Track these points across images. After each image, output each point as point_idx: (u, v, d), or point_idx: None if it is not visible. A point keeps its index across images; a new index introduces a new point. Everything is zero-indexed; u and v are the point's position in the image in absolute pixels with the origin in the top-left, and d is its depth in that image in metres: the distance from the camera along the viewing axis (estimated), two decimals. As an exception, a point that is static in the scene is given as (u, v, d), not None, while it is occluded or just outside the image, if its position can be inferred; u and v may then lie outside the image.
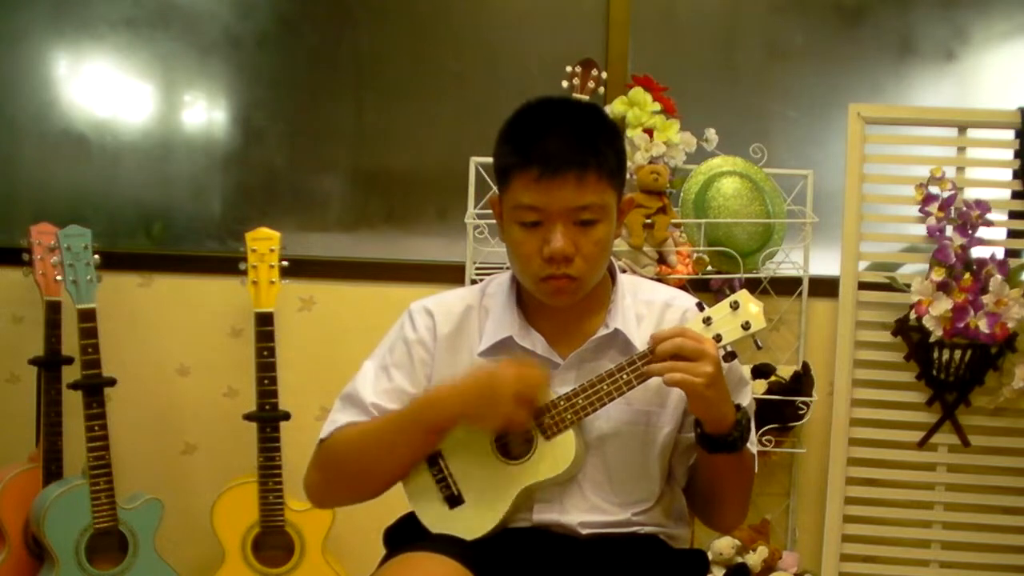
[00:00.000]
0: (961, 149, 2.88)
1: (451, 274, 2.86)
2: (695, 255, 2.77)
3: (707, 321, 1.60)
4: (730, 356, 1.60)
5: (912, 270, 2.87)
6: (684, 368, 1.54)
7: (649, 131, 2.80)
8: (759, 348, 1.64)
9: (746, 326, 1.59)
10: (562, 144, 1.58)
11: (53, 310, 2.85)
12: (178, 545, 2.91)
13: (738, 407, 1.62)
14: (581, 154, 1.58)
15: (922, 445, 2.86)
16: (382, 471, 1.71)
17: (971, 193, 2.82)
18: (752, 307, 1.60)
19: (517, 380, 1.59)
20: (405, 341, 1.75)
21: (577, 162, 1.58)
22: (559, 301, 1.67)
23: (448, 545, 1.63)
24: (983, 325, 2.66)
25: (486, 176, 2.78)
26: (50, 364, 2.85)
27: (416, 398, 1.70)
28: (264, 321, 2.76)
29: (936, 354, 2.76)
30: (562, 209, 1.59)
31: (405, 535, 1.73)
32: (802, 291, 2.89)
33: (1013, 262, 2.76)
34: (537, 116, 1.65)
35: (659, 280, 2.52)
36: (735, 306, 1.60)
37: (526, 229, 1.62)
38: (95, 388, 2.73)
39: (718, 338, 1.58)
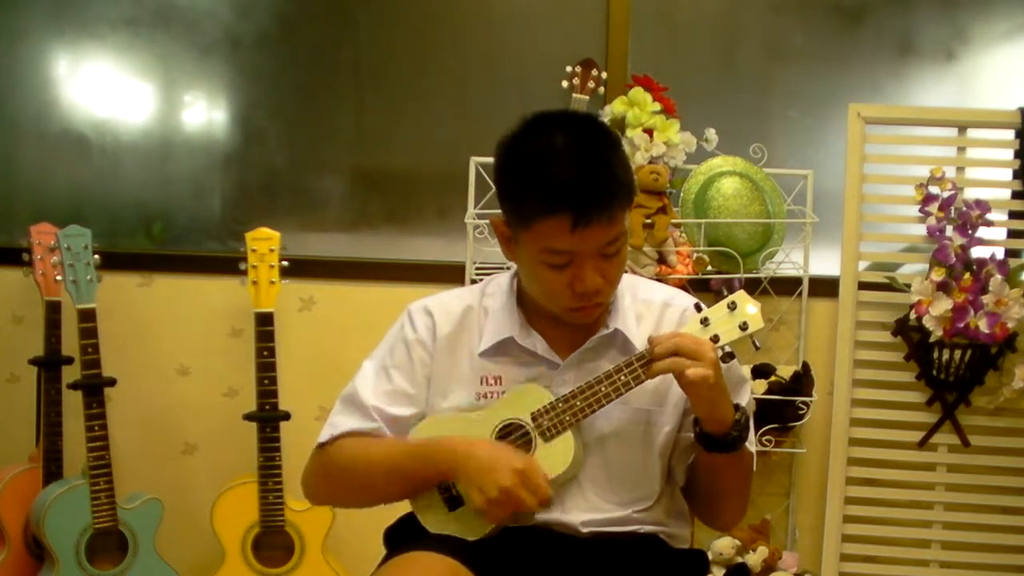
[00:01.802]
0: (961, 149, 2.87)
1: (451, 274, 2.86)
2: (695, 255, 2.77)
3: (704, 322, 1.60)
4: (728, 356, 1.61)
5: (912, 270, 2.87)
6: (685, 364, 1.54)
7: (649, 131, 2.79)
8: (757, 349, 1.65)
9: (743, 326, 1.59)
10: (592, 189, 1.54)
11: (53, 310, 2.85)
12: (178, 545, 2.91)
13: (737, 407, 1.63)
14: (610, 195, 1.56)
15: (922, 445, 2.85)
16: (384, 494, 1.73)
17: (971, 193, 2.82)
18: (750, 308, 1.60)
19: (525, 485, 1.57)
20: (405, 342, 1.75)
21: (607, 205, 1.56)
22: (585, 322, 1.68)
23: (448, 544, 1.64)
24: (983, 325, 2.66)
25: (486, 176, 2.78)
26: (50, 364, 2.85)
27: (430, 442, 1.67)
28: (264, 321, 2.76)
29: (936, 354, 2.76)
30: (593, 249, 1.58)
31: (405, 535, 1.74)
32: (802, 291, 2.89)
33: (1013, 262, 2.76)
34: (554, 152, 1.58)
35: (659, 280, 2.52)
36: (732, 307, 1.60)
37: (555, 269, 1.60)
38: (95, 388, 2.74)
39: (716, 339, 1.59)
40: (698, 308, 1.63)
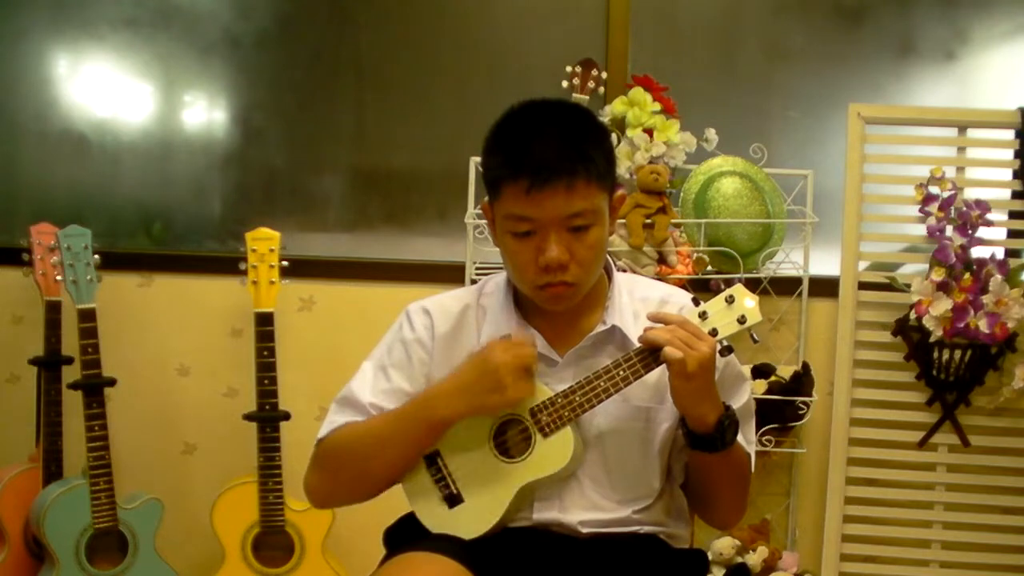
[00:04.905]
0: (961, 149, 2.88)
1: (451, 274, 2.86)
2: (695, 255, 2.77)
3: (703, 316, 1.60)
4: (727, 350, 1.61)
5: (912, 270, 2.87)
6: (679, 342, 1.55)
7: (649, 131, 2.79)
8: (756, 342, 1.64)
9: (742, 320, 1.59)
10: (549, 153, 1.57)
11: (53, 310, 2.85)
12: (178, 545, 2.91)
13: (727, 407, 1.63)
14: (569, 162, 1.57)
15: (922, 445, 2.85)
16: (382, 469, 1.70)
17: (971, 193, 2.82)
18: (747, 301, 1.60)
19: (509, 352, 1.60)
20: (403, 341, 1.75)
21: (565, 171, 1.57)
22: (558, 306, 1.67)
23: (448, 545, 1.64)
24: (983, 325, 2.66)
25: (486, 176, 2.78)
26: (50, 364, 2.85)
27: (415, 396, 1.69)
28: (264, 321, 2.76)
29: (936, 354, 2.76)
30: (553, 218, 1.59)
31: (405, 535, 1.73)
32: (802, 291, 2.89)
33: (1013, 262, 2.76)
34: (523, 124, 1.63)
35: (659, 280, 2.52)
36: (730, 300, 1.60)
37: (519, 238, 1.62)
38: (95, 388, 2.74)
39: (714, 332, 1.59)
40: (696, 302, 1.63)
